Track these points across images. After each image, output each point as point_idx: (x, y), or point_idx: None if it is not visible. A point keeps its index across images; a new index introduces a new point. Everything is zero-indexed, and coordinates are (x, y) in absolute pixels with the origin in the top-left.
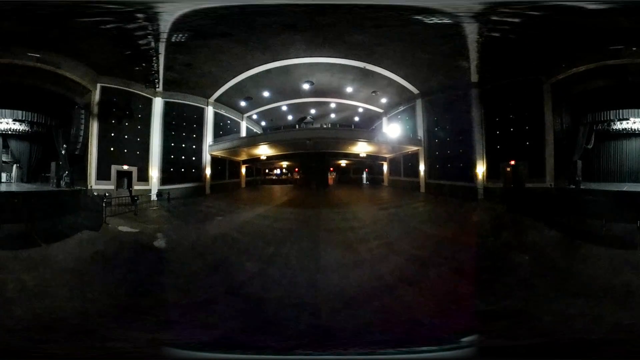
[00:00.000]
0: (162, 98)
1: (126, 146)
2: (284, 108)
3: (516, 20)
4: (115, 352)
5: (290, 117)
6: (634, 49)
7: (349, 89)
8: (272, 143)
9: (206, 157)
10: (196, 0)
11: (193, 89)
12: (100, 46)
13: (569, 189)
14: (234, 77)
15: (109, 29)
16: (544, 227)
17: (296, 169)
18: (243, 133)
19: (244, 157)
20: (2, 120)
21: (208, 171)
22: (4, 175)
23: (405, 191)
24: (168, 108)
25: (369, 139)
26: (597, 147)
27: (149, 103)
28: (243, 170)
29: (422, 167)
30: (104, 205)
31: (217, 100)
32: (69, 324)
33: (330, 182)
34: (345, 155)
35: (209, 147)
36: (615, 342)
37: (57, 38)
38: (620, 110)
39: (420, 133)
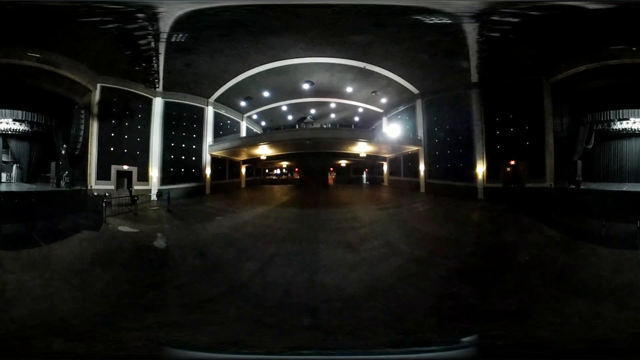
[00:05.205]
0: (162, 98)
1: (126, 146)
2: (284, 108)
3: (516, 20)
4: (115, 352)
5: (290, 117)
6: (634, 49)
7: (349, 89)
8: (272, 143)
9: (206, 157)
10: (196, 0)
11: (193, 89)
12: (101, 46)
13: (569, 189)
14: (234, 77)
15: (109, 29)
16: (544, 227)
17: (296, 169)
18: (243, 133)
19: (244, 157)
20: (2, 120)
21: (208, 171)
22: (4, 175)
23: (405, 191)
24: (168, 108)
25: (369, 139)
26: (597, 147)
27: (149, 103)
28: (243, 170)
29: (422, 167)
30: (104, 205)
31: (217, 100)
32: (69, 324)
33: (331, 182)
34: (345, 155)
35: (209, 147)
36: (615, 342)
37: (57, 38)
38: (620, 110)
39: (420, 133)
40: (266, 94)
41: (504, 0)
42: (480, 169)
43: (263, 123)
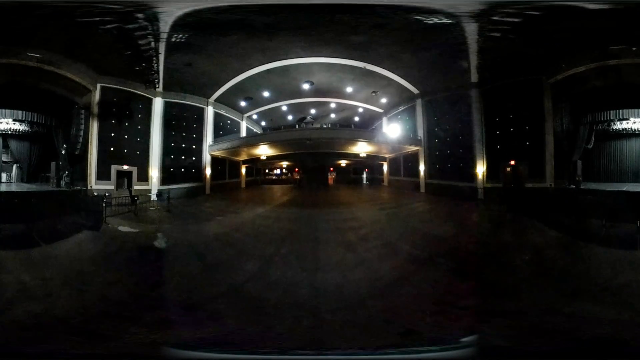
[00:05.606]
0: (162, 98)
1: (126, 146)
2: (284, 108)
3: (516, 20)
4: (115, 352)
5: (290, 117)
6: (634, 49)
7: (349, 89)
8: (272, 143)
9: (206, 157)
10: (196, 0)
11: (193, 89)
12: (100, 46)
13: (569, 188)
14: (234, 77)
15: (109, 29)
16: (544, 227)
17: (296, 169)
18: (243, 133)
19: (244, 157)
20: (2, 120)
21: (208, 171)
22: (4, 175)
23: (405, 191)
24: (168, 108)
25: (369, 139)
26: (597, 147)
27: (149, 103)
28: (243, 170)
29: (422, 167)
30: (104, 205)
31: (217, 100)
32: (69, 324)
33: (330, 182)
34: (345, 155)
35: (209, 147)
36: (615, 342)
37: (57, 38)
38: (620, 110)
39: (420, 133)
40: (266, 94)
41: (504, 0)
42: (480, 169)
43: (263, 123)
